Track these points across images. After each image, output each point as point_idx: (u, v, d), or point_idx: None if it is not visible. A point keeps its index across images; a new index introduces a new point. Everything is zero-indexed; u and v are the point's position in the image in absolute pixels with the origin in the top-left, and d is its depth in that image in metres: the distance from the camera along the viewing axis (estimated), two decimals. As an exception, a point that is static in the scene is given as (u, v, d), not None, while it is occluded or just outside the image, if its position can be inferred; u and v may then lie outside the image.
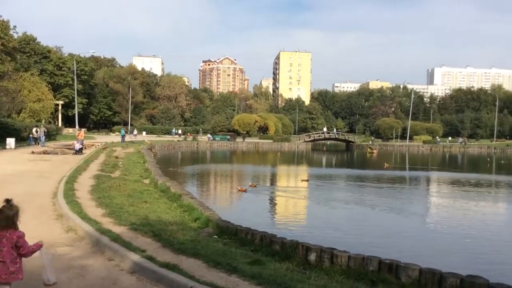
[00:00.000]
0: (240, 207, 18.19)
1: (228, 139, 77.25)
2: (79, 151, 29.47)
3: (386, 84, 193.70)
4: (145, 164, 24.98)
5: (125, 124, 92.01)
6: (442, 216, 17.20)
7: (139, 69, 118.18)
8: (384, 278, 6.92)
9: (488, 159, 56.92)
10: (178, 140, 68.15)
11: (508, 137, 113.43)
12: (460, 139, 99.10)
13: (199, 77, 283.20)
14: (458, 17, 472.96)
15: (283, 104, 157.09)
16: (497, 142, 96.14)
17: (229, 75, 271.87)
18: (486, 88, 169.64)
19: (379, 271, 7.11)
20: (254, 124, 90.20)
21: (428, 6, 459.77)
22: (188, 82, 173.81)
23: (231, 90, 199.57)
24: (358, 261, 7.38)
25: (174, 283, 6.19)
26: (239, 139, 79.62)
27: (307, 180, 27.22)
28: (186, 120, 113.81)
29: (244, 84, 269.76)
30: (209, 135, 79.75)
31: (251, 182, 23.80)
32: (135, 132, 75.30)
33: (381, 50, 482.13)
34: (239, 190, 20.93)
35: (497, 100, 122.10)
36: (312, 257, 7.96)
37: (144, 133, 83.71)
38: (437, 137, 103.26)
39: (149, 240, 8.41)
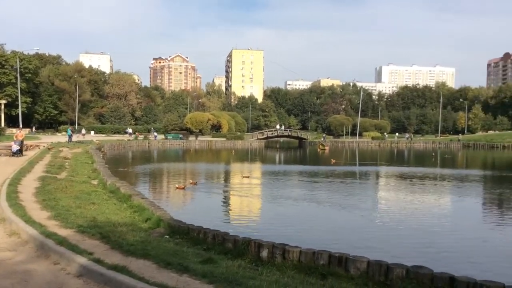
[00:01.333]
0: (193, 206, 18.04)
1: (180, 137, 76.40)
2: (18, 153, 26.86)
3: (337, 82, 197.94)
4: (94, 164, 24.27)
5: (72, 123, 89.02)
6: (390, 209, 17.75)
7: (87, 66, 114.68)
8: (334, 271, 7.05)
9: (433, 154, 59.38)
10: (129, 140, 66.69)
11: (451, 133, 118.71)
12: (407, 135, 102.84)
13: (150, 75, 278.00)
14: (404, 16, 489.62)
15: (236, 102, 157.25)
16: (441, 137, 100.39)
17: (181, 73, 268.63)
18: (431, 86, 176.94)
19: (329, 264, 7.24)
20: (207, 122, 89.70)
21: (376, 6, 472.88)
22: (138, 80, 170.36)
23: (183, 88, 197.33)
24: (309, 256, 7.48)
25: (122, 285, 6.05)
26: (192, 138, 78.98)
27: (248, 177, 27.39)
28: (137, 119, 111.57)
29: (196, 82, 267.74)
30: (155, 134, 77.60)
31: (192, 180, 23.73)
32: (83, 131, 72.92)
33: (332, 49, 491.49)
34: (176, 188, 20.78)
35: (441, 97, 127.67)
36: (264, 253, 8.00)
37: (92, 132, 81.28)
38: (385, 133, 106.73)
39: (97, 243, 8.23)
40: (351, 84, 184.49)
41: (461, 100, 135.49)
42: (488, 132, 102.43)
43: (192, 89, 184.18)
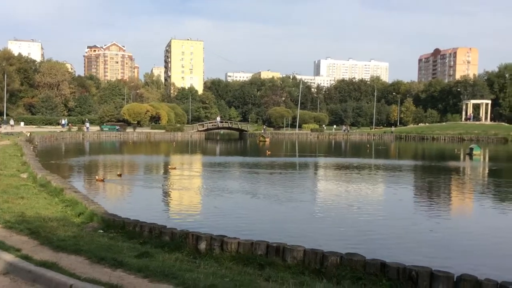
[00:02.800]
0: (131, 199, 17.56)
1: (117, 129, 74.22)
2: None
3: (277, 75, 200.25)
4: (23, 157, 23.05)
5: (0, 114, 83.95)
6: (327, 199, 18.21)
7: (16, 54, 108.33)
8: (271, 261, 7.11)
9: (368, 145, 61.60)
10: (62, 131, 63.85)
11: (385, 125, 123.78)
12: (344, 127, 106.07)
13: (84, 64, 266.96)
14: (342, 11, 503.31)
15: (175, 93, 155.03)
16: (376, 129, 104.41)
17: (117, 62, 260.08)
18: (366, 80, 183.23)
19: (267, 254, 7.29)
20: (146, 113, 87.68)
21: (315, 0, 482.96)
22: (71, 69, 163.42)
23: (119, 78, 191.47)
24: (247, 246, 7.50)
25: (52, 282, 5.79)
26: (129, 129, 76.96)
27: (175, 168, 27.18)
28: (70, 109, 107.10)
29: (134, 72, 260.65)
30: (87, 125, 74.73)
31: (119, 172, 23.24)
32: (12, 122, 68.94)
33: (272, 41, 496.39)
34: (97, 180, 20.24)
35: (376, 91, 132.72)
36: (203, 245, 7.93)
37: (22, 123, 77.10)
38: (324, 126, 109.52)
39: (25, 238, 7.89)
40: (291, 76, 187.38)
41: (394, 93, 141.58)
42: (419, 124, 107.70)
43: (129, 79, 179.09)
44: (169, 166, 27.87)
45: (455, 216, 15.49)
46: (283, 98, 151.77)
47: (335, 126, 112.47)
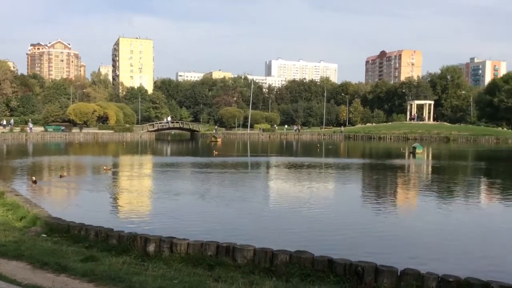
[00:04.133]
0: (77, 203, 17.00)
1: (62, 130, 71.64)
2: None
3: (228, 75, 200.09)
4: (-41, 159, 21.75)
5: None
6: (279, 198, 18.39)
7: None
8: (221, 261, 7.09)
9: (319, 145, 62.76)
10: (3, 132, 60.87)
11: (335, 125, 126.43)
12: (295, 127, 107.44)
13: (27, 62, 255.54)
14: (293, 12, 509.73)
15: (124, 93, 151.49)
16: (326, 129, 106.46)
17: (62, 60, 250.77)
18: (316, 80, 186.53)
19: (217, 255, 7.27)
20: (93, 113, 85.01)
21: (266, 1, 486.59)
22: (14, 67, 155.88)
23: (65, 77, 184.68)
24: (197, 247, 7.44)
25: (-10, 291, 5.48)
26: (75, 130, 74.49)
27: (110, 169, 26.46)
28: (13, 109, 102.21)
29: (80, 71, 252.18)
30: (30, 125, 71.66)
31: (63, 173, 22.57)
32: None
33: (224, 41, 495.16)
34: (33, 182, 19.49)
35: (325, 91, 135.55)
36: (151, 248, 7.79)
37: (-42, 124, 72.82)
38: (275, 125, 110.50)
39: (-39, 245, 7.45)
40: (243, 77, 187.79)
41: (343, 94, 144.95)
42: (366, 124, 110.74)
43: (75, 78, 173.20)
44: (104, 168, 26.69)
45: (400, 212, 16.05)
46: (235, 98, 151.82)
47: (286, 126, 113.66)
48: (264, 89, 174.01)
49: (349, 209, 15.77)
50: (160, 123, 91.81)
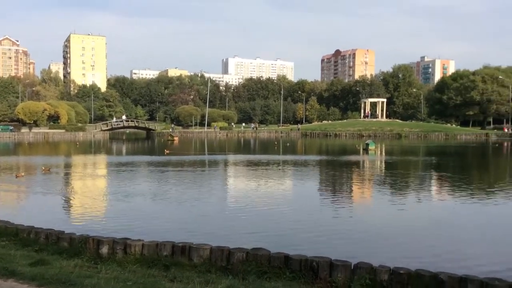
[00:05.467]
0: (26, 204, 16.33)
1: (11, 129, 68.83)
2: None
3: (185, 72, 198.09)
4: None
5: None
6: (237, 195, 18.36)
7: None
8: (177, 261, 7.00)
9: (276, 142, 63.25)
10: None
11: (292, 122, 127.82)
12: (252, 125, 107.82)
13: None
14: (249, 10, 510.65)
15: (76, 91, 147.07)
16: (283, 126, 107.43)
17: (10, 57, 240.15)
18: (273, 78, 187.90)
19: (172, 255, 7.16)
20: (43, 112, 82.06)
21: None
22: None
23: (13, 74, 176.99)
24: (152, 248, 7.31)
25: None
26: (24, 130, 71.72)
27: (49, 170, 25.68)
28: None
29: (29, 69, 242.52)
30: None
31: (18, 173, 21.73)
32: None
33: (180, 39, 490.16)
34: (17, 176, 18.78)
35: (282, 89, 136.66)
36: (104, 249, 7.59)
37: None
38: (232, 124, 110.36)
39: None
40: (199, 74, 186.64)
41: (299, 92, 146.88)
42: (323, 122, 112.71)
43: (24, 76, 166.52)
44: (43, 168, 25.68)
45: (355, 207, 16.38)
46: (192, 97, 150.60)
47: (243, 124, 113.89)
48: (221, 87, 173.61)
49: (305, 206, 15.96)
50: (114, 122, 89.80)
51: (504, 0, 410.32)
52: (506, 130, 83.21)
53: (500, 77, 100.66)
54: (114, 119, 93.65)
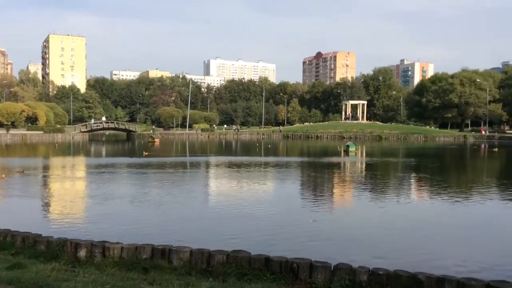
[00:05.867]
0: (2, 207, 15.98)
1: (-12, 131, 67.39)
2: None
3: (166, 74, 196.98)
4: None
5: None
6: (219, 197, 18.32)
7: None
8: (157, 264, 6.93)
9: (258, 144, 63.28)
10: None
11: (273, 124, 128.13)
12: (234, 127, 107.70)
13: None
14: (231, 11, 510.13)
15: (55, 92, 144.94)
16: (265, 128, 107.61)
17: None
18: (255, 80, 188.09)
19: (152, 258, 7.09)
20: (21, 113, 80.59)
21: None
22: None
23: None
24: (131, 251, 7.23)
25: None
26: (2, 131, 70.30)
27: (23, 172, 25.31)
28: None
29: (7, 69, 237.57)
30: None
31: None
32: None
33: (161, 40, 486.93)
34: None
35: (264, 91, 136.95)
36: (82, 253, 7.47)
37: None
38: (214, 125, 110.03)
39: None
40: (181, 76, 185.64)
41: (281, 94, 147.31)
42: (304, 123, 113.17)
43: (1, 77, 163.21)
44: (17, 170, 25.30)
45: (335, 208, 16.50)
46: (173, 98, 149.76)
47: (225, 126, 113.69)
48: (202, 89, 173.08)
49: (286, 207, 16.00)
50: (94, 123, 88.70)
51: (481, 5, 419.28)
52: (483, 133, 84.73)
53: (477, 80, 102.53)
54: (93, 121, 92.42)
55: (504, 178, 27.45)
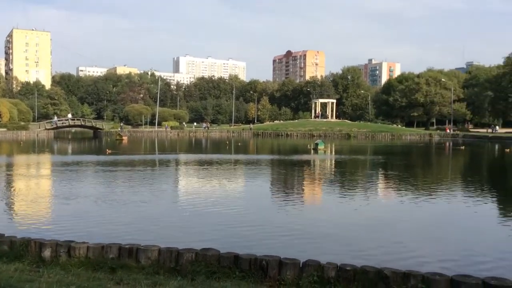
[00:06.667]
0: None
1: None
2: None
3: (134, 70, 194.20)
4: None
5: None
6: (187, 195, 18.15)
7: None
8: (124, 263, 6.82)
9: (228, 142, 63.15)
10: None
11: (244, 122, 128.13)
12: (204, 124, 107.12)
13: None
14: (201, 8, 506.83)
15: (19, 88, 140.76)
16: (235, 126, 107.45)
17: None
18: (225, 78, 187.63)
19: (119, 257, 6.97)
20: (-17, 110, 78.14)
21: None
22: None
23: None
24: (98, 250, 7.09)
25: None
26: (-38, 128, 67.92)
27: None
28: None
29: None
30: None
31: None
32: None
33: (129, 36, 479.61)
34: None
35: (234, 89, 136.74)
36: (47, 253, 7.28)
37: None
38: (184, 123, 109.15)
39: None
40: (149, 73, 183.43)
41: (251, 92, 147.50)
42: (274, 121, 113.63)
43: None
44: None
45: (305, 205, 16.61)
46: (142, 95, 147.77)
47: (195, 124, 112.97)
48: (172, 86, 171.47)
49: (256, 205, 16.03)
50: (59, 120, 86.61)
51: (446, 6, 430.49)
52: (448, 131, 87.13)
53: (443, 80, 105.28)
54: (56, 118, 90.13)
55: (469, 175, 28.31)
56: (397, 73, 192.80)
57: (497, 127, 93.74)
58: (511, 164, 37.89)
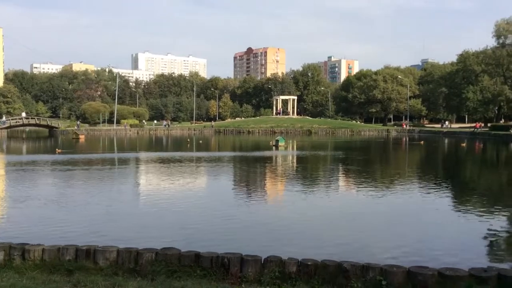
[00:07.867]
0: None
1: None
2: None
3: (91, 67, 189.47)
4: None
5: None
6: (148, 194, 17.86)
7: None
8: (81, 265, 6.64)
9: (189, 140, 62.64)
10: None
11: (205, 119, 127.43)
12: (164, 122, 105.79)
13: None
14: (160, 5, 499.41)
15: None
16: (196, 124, 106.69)
17: None
18: (185, 75, 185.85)
19: (76, 259, 6.78)
20: None
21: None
22: None
23: None
24: (53, 253, 6.86)
25: None
26: None
27: None
28: None
29: None
30: None
31: None
32: None
33: (85, 32, 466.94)
34: None
35: (195, 86, 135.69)
36: (0, 256, 6.99)
37: None
38: (144, 121, 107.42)
39: None
40: (107, 70, 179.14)
41: (212, 89, 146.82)
42: (236, 119, 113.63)
43: None
44: None
45: (267, 201, 16.69)
46: (99, 93, 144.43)
47: (155, 121, 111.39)
48: (131, 83, 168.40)
49: (217, 202, 15.95)
50: (13, 119, 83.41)
51: (403, 4, 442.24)
52: (404, 126, 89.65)
53: (399, 77, 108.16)
54: (4, 118, 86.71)
55: (430, 169, 29.23)
56: (355, 70, 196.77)
57: (447, 122, 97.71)
58: (469, 158, 39.41)
